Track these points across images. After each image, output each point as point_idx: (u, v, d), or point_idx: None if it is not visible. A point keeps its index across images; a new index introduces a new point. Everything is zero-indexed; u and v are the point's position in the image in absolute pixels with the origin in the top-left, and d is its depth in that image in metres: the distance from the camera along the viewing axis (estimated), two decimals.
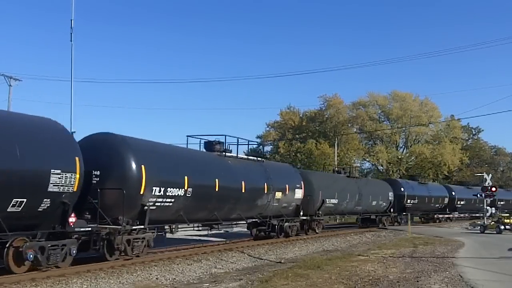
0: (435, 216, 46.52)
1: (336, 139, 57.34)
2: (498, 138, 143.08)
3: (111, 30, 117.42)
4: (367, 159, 65.52)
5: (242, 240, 23.87)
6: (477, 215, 52.75)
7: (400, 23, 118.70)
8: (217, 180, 18.34)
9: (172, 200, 16.31)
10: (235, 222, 24.27)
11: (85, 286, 11.95)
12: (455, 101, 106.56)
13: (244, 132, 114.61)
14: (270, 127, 68.49)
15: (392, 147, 64.93)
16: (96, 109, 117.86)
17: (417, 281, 12.87)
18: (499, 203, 59.52)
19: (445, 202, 47.17)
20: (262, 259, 18.02)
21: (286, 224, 24.21)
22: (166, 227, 17.87)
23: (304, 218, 25.89)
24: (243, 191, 19.94)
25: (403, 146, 67.35)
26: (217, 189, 18.31)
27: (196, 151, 20.16)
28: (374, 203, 34.76)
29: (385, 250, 21.17)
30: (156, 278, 13.42)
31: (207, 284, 12.67)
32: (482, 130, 79.32)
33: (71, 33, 30.36)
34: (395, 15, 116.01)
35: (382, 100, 64.89)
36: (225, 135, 21.09)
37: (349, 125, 64.38)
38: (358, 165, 64.56)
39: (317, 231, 27.43)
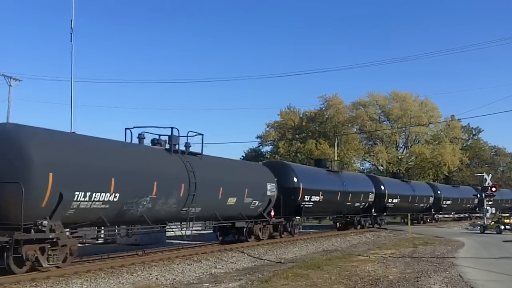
0: (355, 219, 33.06)
1: (336, 139, 57.34)
2: (498, 138, 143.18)
3: (111, 30, 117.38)
4: (367, 159, 65.53)
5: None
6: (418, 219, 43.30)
7: (400, 23, 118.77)
8: None
9: None
10: None
11: (85, 286, 11.95)
12: (455, 101, 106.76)
13: (244, 132, 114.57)
14: (270, 127, 68.51)
15: (392, 147, 64.93)
16: (96, 109, 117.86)
17: (417, 281, 12.87)
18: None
19: (369, 200, 33.69)
20: (262, 259, 18.02)
21: None
22: None
23: None
24: None
25: (403, 146, 67.38)
26: None
27: None
28: (232, 201, 19.78)
29: (385, 250, 21.18)
30: (156, 278, 13.43)
31: (207, 284, 12.67)
32: (482, 130, 79.44)
33: (71, 33, 30.49)
34: (395, 15, 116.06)
35: (382, 100, 64.93)
36: None
37: (349, 125, 64.37)
38: (358, 165, 64.69)
39: (46, 265, 12.62)
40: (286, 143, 62.98)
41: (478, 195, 45.32)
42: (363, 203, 33.33)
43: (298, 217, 26.18)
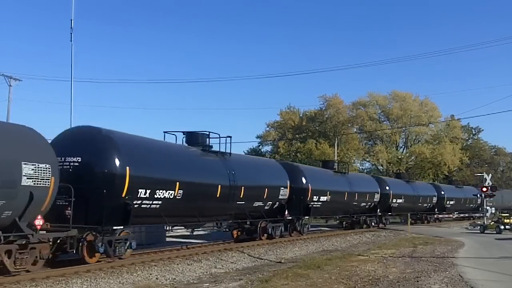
0: (259, 226, 22.66)
1: (336, 139, 57.30)
2: (498, 138, 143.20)
3: (111, 30, 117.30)
4: (367, 159, 65.53)
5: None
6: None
7: (400, 23, 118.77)
8: None
9: None
10: None
11: (85, 286, 11.95)
12: (455, 101, 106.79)
13: (244, 132, 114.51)
14: (270, 127, 68.48)
15: (392, 147, 64.93)
16: (95, 109, 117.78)
17: (417, 281, 12.87)
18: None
19: (281, 198, 23.55)
20: (262, 259, 18.01)
21: None
22: None
23: None
24: None
25: (403, 146, 67.38)
26: None
27: None
28: None
29: (385, 250, 21.16)
30: (156, 278, 13.43)
31: (207, 284, 12.67)
32: (482, 130, 79.50)
33: (71, 33, 30.47)
34: (395, 15, 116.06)
35: (382, 100, 64.91)
36: None
37: (349, 125, 64.36)
38: (358, 165, 64.67)
39: None
40: (286, 143, 62.96)
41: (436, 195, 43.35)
42: (271, 202, 22.95)
43: (121, 226, 14.88)
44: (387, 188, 35.84)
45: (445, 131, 66.24)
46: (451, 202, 48.09)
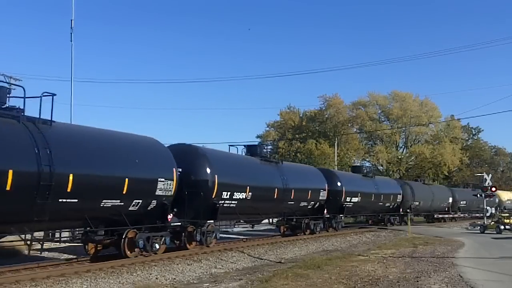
0: None
1: (336, 139, 57.31)
2: (498, 138, 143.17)
3: (111, 30, 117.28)
4: (367, 159, 65.51)
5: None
6: None
7: (400, 23, 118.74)
8: None
9: None
10: None
11: (85, 286, 11.96)
12: (455, 101, 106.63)
13: (244, 132, 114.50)
14: (270, 127, 68.53)
15: (392, 147, 64.94)
16: (96, 109, 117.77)
17: (417, 281, 12.87)
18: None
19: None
20: (262, 259, 18.02)
21: None
22: None
23: None
24: None
25: (403, 146, 67.39)
26: None
27: None
28: None
29: (385, 250, 21.17)
30: (156, 278, 13.43)
31: (207, 284, 12.67)
32: (482, 130, 79.37)
33: (71, 33, 30.53)
34: (395, 15, 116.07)
35: (382, 100, 64.94)
36: None
37: (349, 125, 64.40)
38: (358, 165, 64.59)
39: None
40: (286, 143, 62.96)
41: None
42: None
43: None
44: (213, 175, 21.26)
45: (445, 131, 66.25)
46: (354, 199, 31.43)
